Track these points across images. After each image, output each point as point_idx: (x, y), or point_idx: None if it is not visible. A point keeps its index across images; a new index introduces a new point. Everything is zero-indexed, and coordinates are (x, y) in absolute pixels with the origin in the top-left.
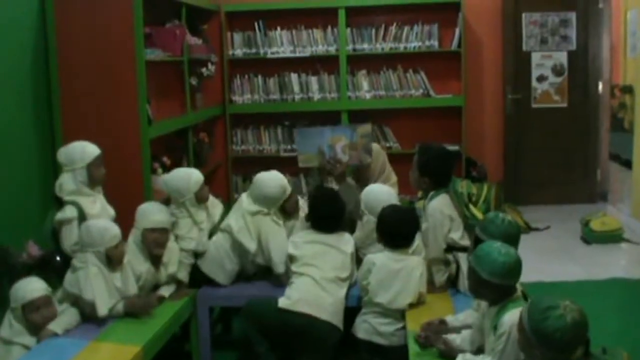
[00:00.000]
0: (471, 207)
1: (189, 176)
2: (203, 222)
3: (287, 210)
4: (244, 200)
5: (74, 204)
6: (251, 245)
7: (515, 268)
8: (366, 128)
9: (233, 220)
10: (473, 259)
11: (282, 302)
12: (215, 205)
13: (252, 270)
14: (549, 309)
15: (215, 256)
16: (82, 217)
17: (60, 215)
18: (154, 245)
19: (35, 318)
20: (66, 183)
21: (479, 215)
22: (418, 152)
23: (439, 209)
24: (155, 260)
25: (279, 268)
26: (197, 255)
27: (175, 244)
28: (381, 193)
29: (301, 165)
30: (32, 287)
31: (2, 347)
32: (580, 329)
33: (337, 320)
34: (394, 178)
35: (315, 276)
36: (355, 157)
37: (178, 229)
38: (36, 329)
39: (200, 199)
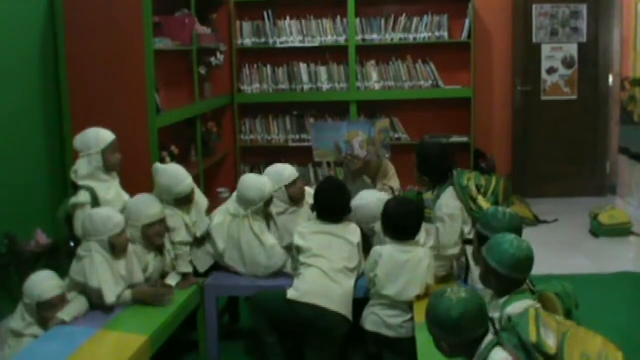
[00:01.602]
0: (480, 198)
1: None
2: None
3: (293, 197)
4: (230, 199)
5: (88, 189)
6: (220, 244)
7: (524, 263)
8: (384, 123)
9: (218, 213)
10: (486, 247)
11: (291, 294)
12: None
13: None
14: (438, 296)
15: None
16: (95, 202)
17: (74, 200)
18: (155, 237)
19: (49, 315)
20: (81, 168)
21: (487, 207)
22: (416, 150)
23: (451, 205)
24: (158, 247)
25: (270, 269)
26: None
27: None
28: (371, 202)
29: (317, 160)
30: (49, 285)
31: (13, 339)
32: (470, 305)
33: (346, 311)
34: (396, 182)
35: (324, 267)
36: (373, 153)
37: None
38: (47, 322)
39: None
